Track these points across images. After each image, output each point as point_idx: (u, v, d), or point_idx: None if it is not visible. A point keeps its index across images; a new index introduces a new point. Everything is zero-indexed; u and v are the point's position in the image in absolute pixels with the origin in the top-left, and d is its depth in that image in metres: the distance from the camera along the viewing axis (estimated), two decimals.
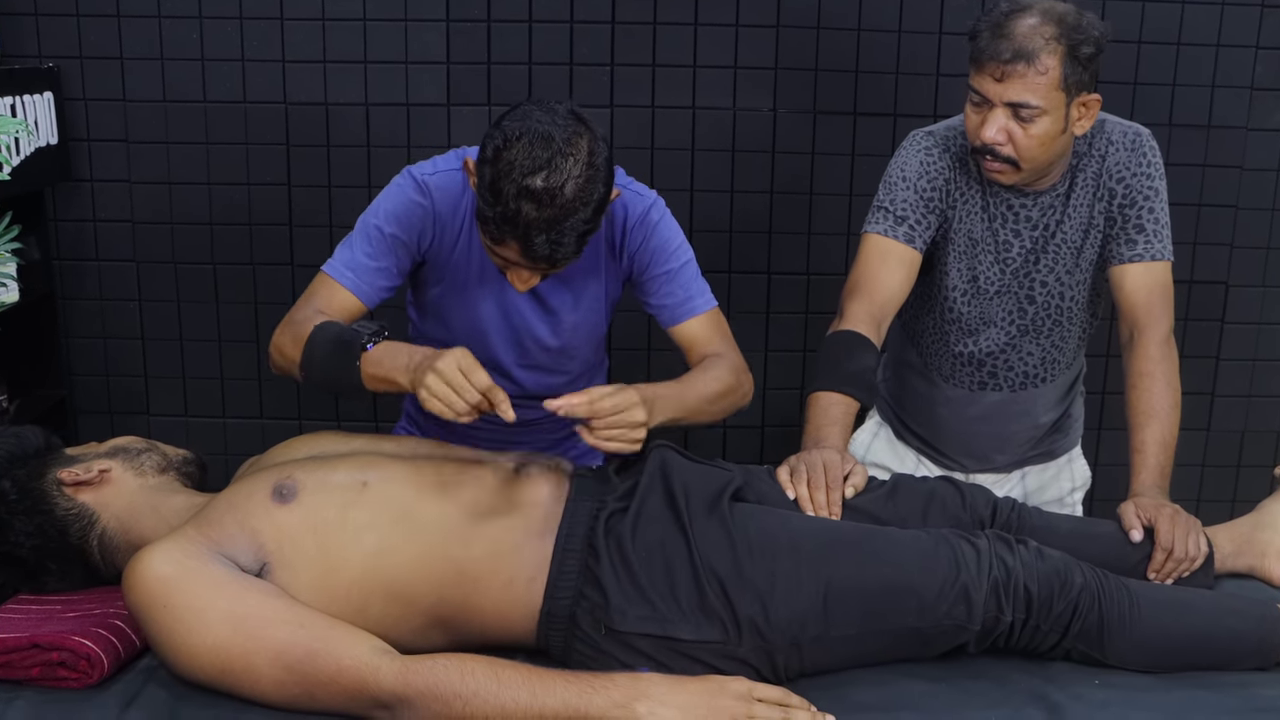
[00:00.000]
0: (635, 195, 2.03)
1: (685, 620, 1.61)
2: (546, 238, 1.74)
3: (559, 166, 1.72)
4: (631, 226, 2.02)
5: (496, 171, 1.73)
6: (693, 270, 2.06)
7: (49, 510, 1.76)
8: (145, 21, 3.05)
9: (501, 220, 1.74)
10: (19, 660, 1.59)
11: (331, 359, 1.79)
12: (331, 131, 3.12)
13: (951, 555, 1.67)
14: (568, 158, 1.73)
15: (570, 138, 1.75)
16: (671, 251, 2.04)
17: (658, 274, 2.04)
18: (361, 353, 1.76)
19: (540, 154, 1.72)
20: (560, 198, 1.72)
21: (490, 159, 1.74)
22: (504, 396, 1.67)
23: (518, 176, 1.72)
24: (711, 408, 1.95)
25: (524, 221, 1.73)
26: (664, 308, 2.05)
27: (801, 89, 3.14)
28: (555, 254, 1.77)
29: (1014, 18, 2.00)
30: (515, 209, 1.72)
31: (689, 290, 2.05)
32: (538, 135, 1.73)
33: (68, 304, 3.21)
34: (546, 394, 1.97)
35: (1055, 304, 2.23)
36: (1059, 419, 2.40)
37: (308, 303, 1.96)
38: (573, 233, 1.76)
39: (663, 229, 2.03)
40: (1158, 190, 2.16)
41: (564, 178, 1.73)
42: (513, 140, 1.73)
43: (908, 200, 2.18)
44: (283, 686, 1.51)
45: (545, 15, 3.07)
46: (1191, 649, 1.70)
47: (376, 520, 1.65)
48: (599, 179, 1.77)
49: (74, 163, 3.11)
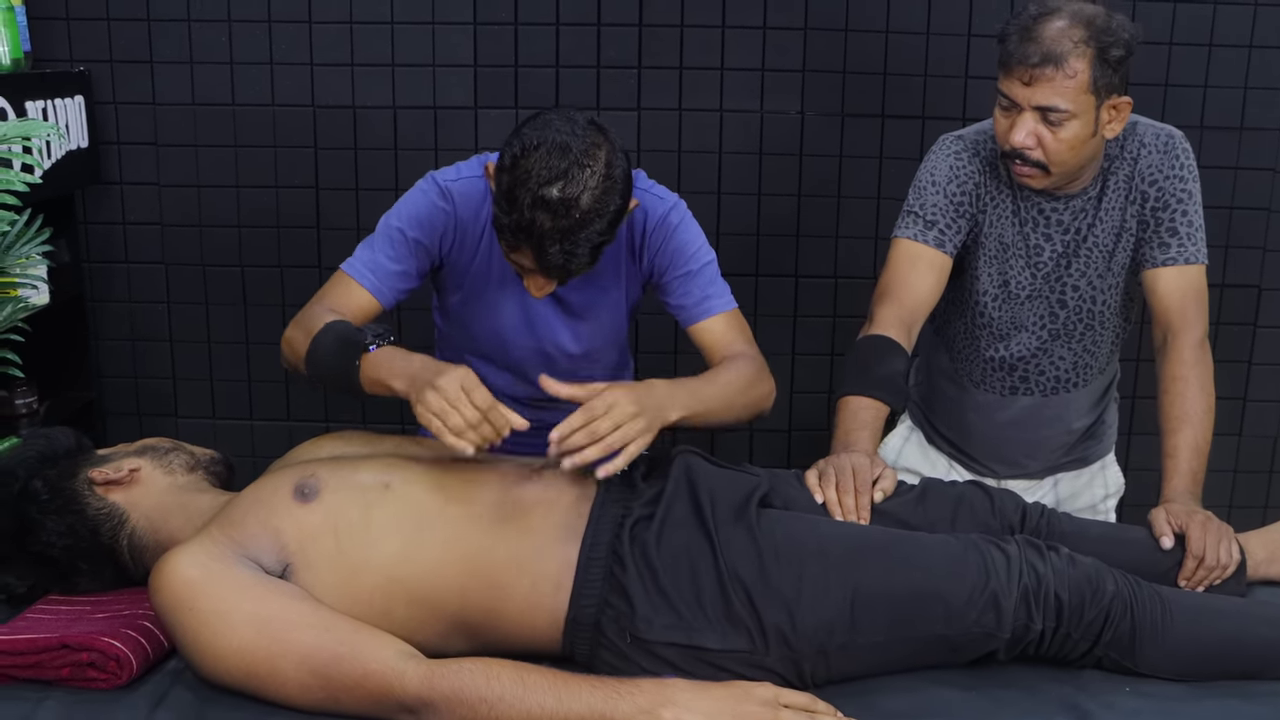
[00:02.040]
0: (656, 199, 2.03)
1: (711, 629, 1.61)
2: (561, 248, 1.74)
3: (575, 177, 1.72)
4: (651, 230, 2.02)
5: (513, 180, 1.73)
6: (712, 271, 2.05)
7: (80, 510, 1.77)
8: (175, 25, 3.06)
9: (517, 229, 1.74)
10: (49, 660, 1.60)
11: (333, 356, 1.80)
12: (359, 134, 3.13)
13: (981, 561, 1.66)
14: (585, 168, 1.73)
15: (588, 148, 1.74)
16: (691, 254, 2.03)
17: (677, 275, 2.03)
18: (363, 353, 1.77)
19: (557, 164, 1.72)
20: (576, 209, 1.72)
21: (508, 167, 1.75)
22: (505, 414, 1.67)
23: (534, 186, 1.72)
24: (730, 406, 1.93)
25: (539, 231, 1.73)
26: (683, 307, 2.05)
27: (829, 92, 3.13)
28: (569, 264, 1.77)
29: (1042, 21, 1.99)
30: (530, 218, 1.72)
31: (707, 290, 2.04)
32: (555, 145, 1.73)
33: (97, 306, 3.23)
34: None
35: (1087, 308, 2.22)
36: (1092, 425, 2.38)
37: (322, 300, 1.97)
38: (587, 244, 1.75)
39: (682, 232, 2.03)
40: (1191, 193, 2.14)
41: (580, 189, 1.72)
42: (530, 149, 1.73)
43: (938, 205, 2.17)
44: (308, 690, 1.52)
45: (572, 18, 3.07)
46: (1224, 657, 1.68)
47: (399, 524, 1.65)
48: (616, 191, 1.77)
49: (104, 166, 3.13)
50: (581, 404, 1.71)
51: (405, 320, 3.13)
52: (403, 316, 3.14)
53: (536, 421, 1.82)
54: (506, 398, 2.15)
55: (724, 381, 1.94)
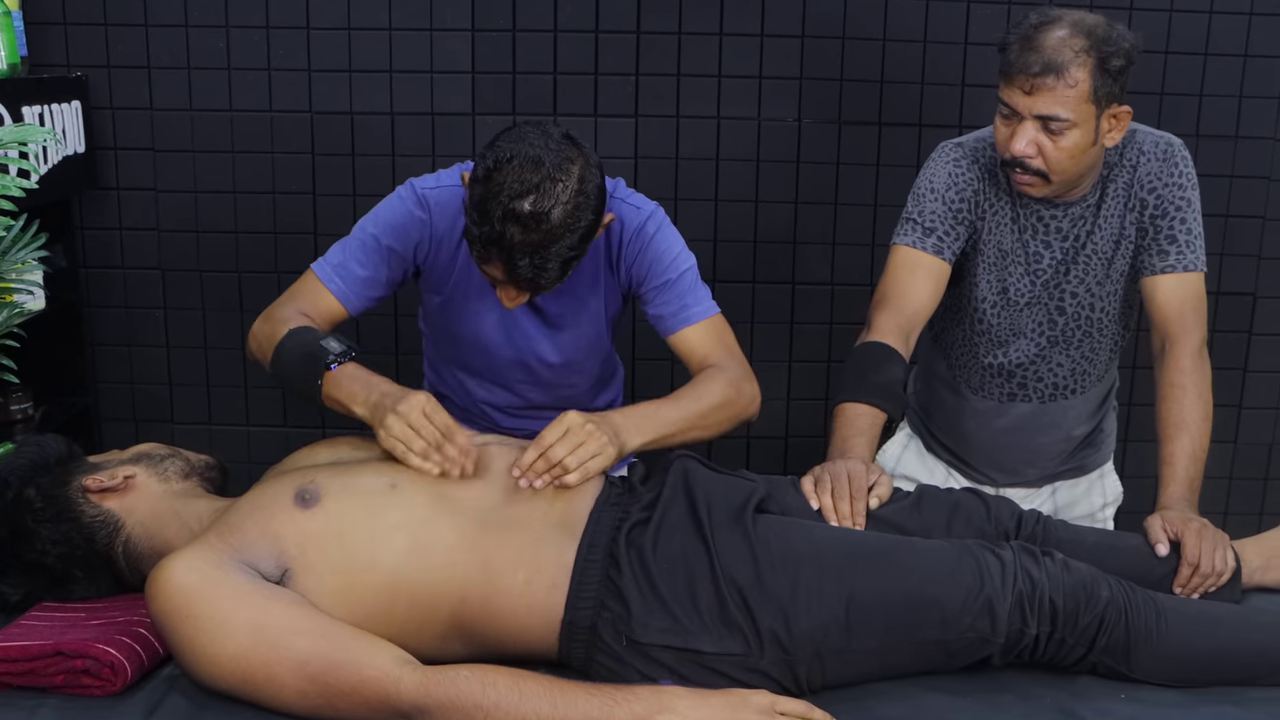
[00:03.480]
0: (632, 209, 2.02)
1: (707, 632, 1.61)
2: (530, 261, 1.74)
3: (548, 191, 1.72)
4: (628, 240, 2.01)
5: (486, 192, 1.73)
6: (691, 279, 2.04)
7: (75, 518, 1.76)
8: (172, 31, 3.06)
9: (487, 241, 1.74)
10: (43, 668, 1.59)
11: (296, 369, 1.83)
12: (357, 141, 3.13)
13: (976, 567, 1.66)
14: (557, 183, 1.73)
15: (562, 163, 1.74)
16: (669, 263, 2.02)
17: (655, 285, 2.02)
18: (325, 371, 1.79)
19: (530, 178, 1.72)
20: (546, 223, 1.72)
21: (481, 179, 1.75)
22: (465, 436, 1.71)
23: (505, 199, 1.72)
24: (703, 424, 1.93)
25: (509, 244, 1.73)
26: (660, 318, 2.04)
27: (826, 99, 3.13)
28: (539, 279, 1.78)
29: (1043, 30, 1.99)
30: (501, 231, 1.72)
31: (685, 300, 2.03)
32: (529, 158, 1.73)
33: (93, 312, 3.23)
34: (556, 405, 1.99)
35: (1086, 315, 2.22)
36: (1090, 433, 2.39)
37: (292, 300, 2.00)
38: (557, 259, 1.76)
39: (659, 241, 2.02)
40: (1190, 201, 2.14)
41: (552, 203, 1.73)
42: (504, 162, 1.73)
43: (936, 212, 2.17)
44: (304, 696, 1.51)
45: (570, 25, 3.07)
46: (1218, 664, 1.68)
47: (407, 521, 1.65)
48: (588, 206, 1.77)
49: (101, 171, 3.13)
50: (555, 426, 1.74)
51: (402, 327, 3.13)
52: (400, 324, 3.15)
53: (521, 430, 1.87)
54: (491, 408, 2.16)
55: (690, 400, 1.93)
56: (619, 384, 2.32)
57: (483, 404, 2.16)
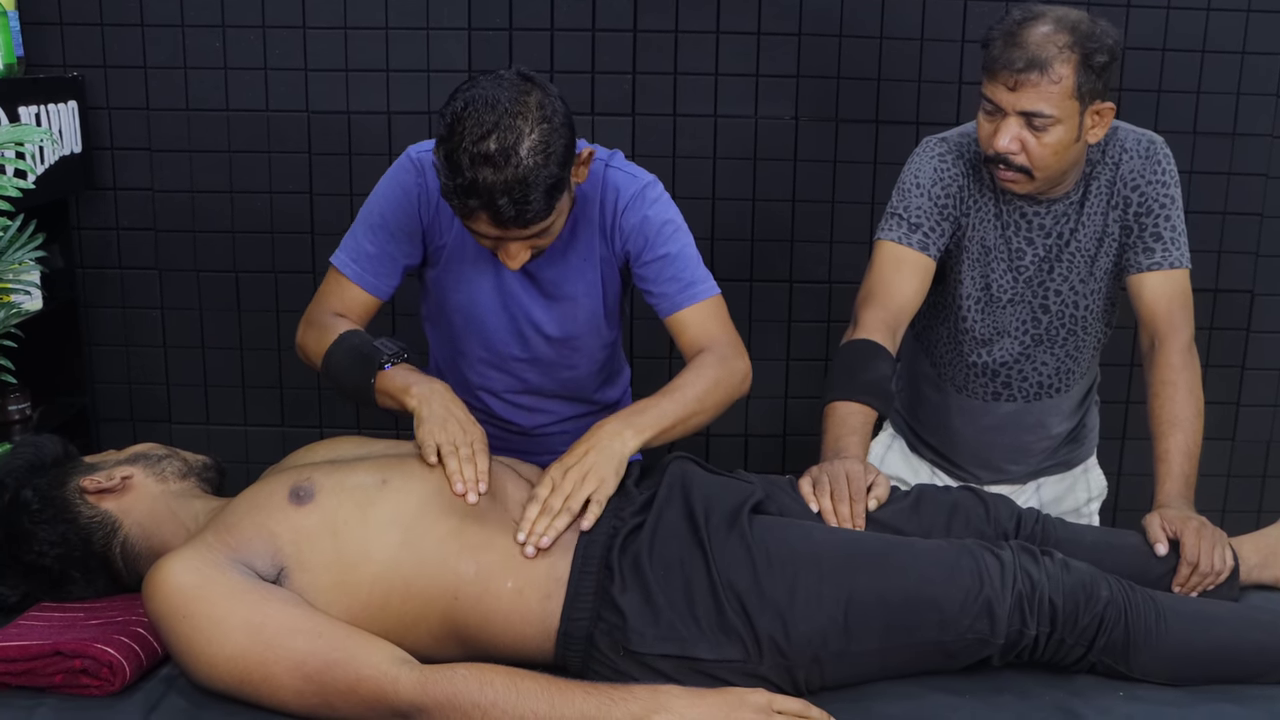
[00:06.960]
0: (628, 176, 2.01)
1: (705, 639, 1.60)
2: (510, 199, 1.73)
3: (509, 126, 1.72)
4: (623, 208, 2.00)
5: (450, 145, 1.73)
6: (689, 255, 2.02)
7: (72, 519, 1.76)
8: (168, 31, 3.06)
9: (463, 191, 1.73)
10: (41, 668, 1.60)
11: (349, 371, 1.88)
12: (354, 140, 3.13)
13: (975, 567, 1.66)
14: (516, 116, 1.72)
15: (517, 96, 1.74)
16: (668, 235, 2.00)
17: (653, 259, 2.00)
18: (378, 371, 1.84)
19: (488, 118, 1.71)
20: (515, 156, 1.71)
21: (444, 136, 1.75)
22: (487, 460, 1.74)
23: (469, 145, 1.71)
24: (701, 409, 1.91)
25: (484, 187, 1.72)
26: (659, 295, 2.01)
27: (823, 97, 3.13)
28: (524, 214, 1.75)
29: (1027, 26, 1.99)
30: (473, 177, 1.71)
31: (682, 279, 2.00)
32: (484, 101, 1.73)
33: (90, 312, 3.22)
34: (557, 390, 1.98)
35: (1069, 313, 2.22)
36: (1074, 429, 2.39)
37: (324, 302, 2.02)
38: (538, 189, 1.74)
39: (656, 211, 2.00)
40: (1174, 198, 2.14)
41: (515, 137, 1.72)
42: (460, 112, 1.73)
43: (921, 207, 2.17)
44: (302, 696, 1.51)
45: (567, 23, 3.07)
46: (1217, 662, 1.68)
47: (399, 515, 1.65)
48: (555, 131, 1.75)
49: (97, 171, 3.13)
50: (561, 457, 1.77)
51: (402, 327, 3.13)
52: (400, 324, 3.14)
53: (515, 423, 1.96)
54: (488, 394, 2.15)
55: (683, 388, 1.91)
56: (625, 383, 2.30)
57: (479, 390, 2.15)
